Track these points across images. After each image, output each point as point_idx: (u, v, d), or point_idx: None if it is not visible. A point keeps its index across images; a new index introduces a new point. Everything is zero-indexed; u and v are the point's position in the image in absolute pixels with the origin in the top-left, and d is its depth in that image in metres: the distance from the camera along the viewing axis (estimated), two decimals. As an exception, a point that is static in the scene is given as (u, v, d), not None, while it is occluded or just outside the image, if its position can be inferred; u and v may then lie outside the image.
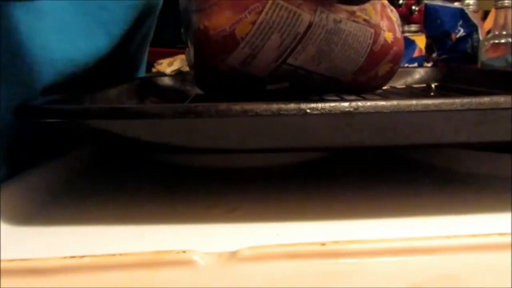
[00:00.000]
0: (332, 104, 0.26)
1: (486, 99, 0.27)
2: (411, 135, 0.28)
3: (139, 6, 0.46)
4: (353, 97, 0.45)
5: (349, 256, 0.21)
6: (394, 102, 0.26)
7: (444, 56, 1.01)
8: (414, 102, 0.26)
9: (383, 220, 0.28)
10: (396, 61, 0.43)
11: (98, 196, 0.34)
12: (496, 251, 0.21)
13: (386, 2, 0.44)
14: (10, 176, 0.34)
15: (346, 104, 0.26)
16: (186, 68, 1.01)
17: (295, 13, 0.38)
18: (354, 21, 0.39)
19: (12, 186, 0.32)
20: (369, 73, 0.42)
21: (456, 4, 1.04)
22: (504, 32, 0.83)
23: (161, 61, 1.03)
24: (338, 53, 0.40)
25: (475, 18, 1.00)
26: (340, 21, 0.39)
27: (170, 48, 1.06)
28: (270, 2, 0.37)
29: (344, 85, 0.43)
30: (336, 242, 0.22)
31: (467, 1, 1.06)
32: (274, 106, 0.26)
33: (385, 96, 0.50)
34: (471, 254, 0.21)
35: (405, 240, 0.22)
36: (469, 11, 1.01)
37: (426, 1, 1.05)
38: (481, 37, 0.97)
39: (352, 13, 0.39)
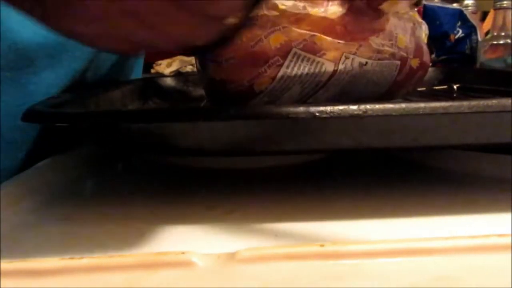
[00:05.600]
0: (341, 107, 0.26)
1: (493, 102, 0.27)
2: (420, 138, 0.28)
3: None
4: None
5: (348, 257, 0.21)
6: (403, 105, 0.26)
7: (443, 57, 1.01)
8: (422, 105, 0.26)
9: (382, 221, 0.28)
10: (418, 82, 0.40)
11: (97, 196, 0.34)
12: (495, 252, 0.21)
13: (417, 18, 0.40)
14: None
15: (355, 107, 0.26)
16: (185, 69, 1.01)
17: (317, 63, 0.34)
18: (380, 59, 0.36)
19: (12, 186, 0.32)
20: (387, 97, 0.40)
21: (455, 5, 1.04)
22: (503, 33, 0.83)
23: (160, 62, 1.04)
24: (362, 90, 0.37)
25: (473, 19, 1.01)
26: (366, 63, 0.36)
27: (169, 49, 1.05)
28: (291, 54, 0.34)
29: None
30: (335, 244, 0.22)
31: (465, 2, 1.06)
32: (284, 110, 0.26)
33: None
34: (471, 255, 0.21)
35: (404, 241, 0.22)
36: (468, 12, 1.01)
37: (424, 2, 1.05)
38: (479, 38, 0.97)
39: (380, 51, 0.36)
